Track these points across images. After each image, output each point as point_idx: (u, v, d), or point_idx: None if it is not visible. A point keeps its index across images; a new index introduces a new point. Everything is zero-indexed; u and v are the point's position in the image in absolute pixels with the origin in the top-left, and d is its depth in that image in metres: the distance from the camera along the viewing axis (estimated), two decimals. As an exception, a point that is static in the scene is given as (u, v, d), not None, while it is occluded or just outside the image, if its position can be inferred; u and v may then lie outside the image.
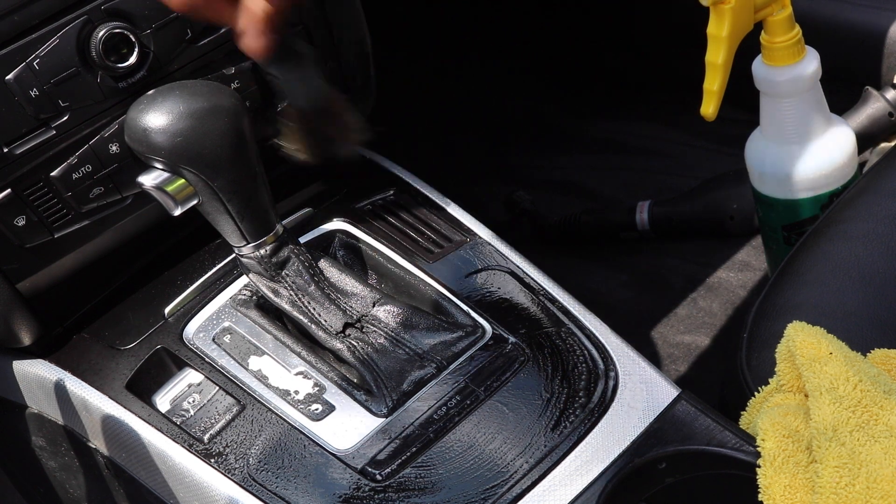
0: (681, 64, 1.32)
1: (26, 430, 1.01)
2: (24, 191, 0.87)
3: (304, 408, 0.86)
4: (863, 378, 0.79)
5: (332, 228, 0.98)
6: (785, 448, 0.78)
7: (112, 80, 0.87)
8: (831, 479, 0.75)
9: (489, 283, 0.93)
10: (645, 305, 1.40)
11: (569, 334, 0.89)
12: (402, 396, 0.86)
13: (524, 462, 0.82)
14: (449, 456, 0.83)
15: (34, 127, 0.86)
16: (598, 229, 1.51)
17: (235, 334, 0.91)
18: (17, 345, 0.94)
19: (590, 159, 1.68)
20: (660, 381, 0.87)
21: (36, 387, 0.95)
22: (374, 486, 0.81)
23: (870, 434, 0.77)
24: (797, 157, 1.10)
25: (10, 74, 0.83)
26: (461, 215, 0.99)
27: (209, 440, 0.85)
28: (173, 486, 0.87)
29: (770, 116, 1.10)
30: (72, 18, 0.85)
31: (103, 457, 0.93)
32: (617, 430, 0.83)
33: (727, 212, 1.41)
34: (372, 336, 0.88)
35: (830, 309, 0.91)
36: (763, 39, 1.06)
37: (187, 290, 0.94)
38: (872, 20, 1.40)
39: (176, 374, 0.90)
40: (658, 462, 0.82)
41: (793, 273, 0.96)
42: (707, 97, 1.06)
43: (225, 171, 0.82)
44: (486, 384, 0.86)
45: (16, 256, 0.89)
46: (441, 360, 0.87)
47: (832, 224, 0.99)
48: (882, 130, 1.34)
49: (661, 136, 1.66)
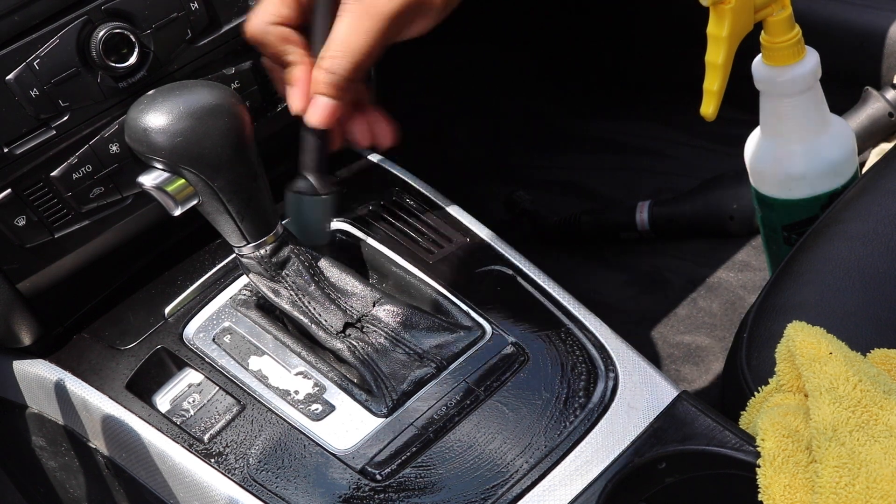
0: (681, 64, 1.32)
1: (26, 430, 1.01)
2: (24, 191, 0.87)
3: (304, 408, 0.86)
4: (863, 378, 0.79)
5: (332, 228, 0.98)
6: (785, 448, 0.78)
7: (112, 80, 0.87)
8: (831, 479, 0.75)
9: (489, 283, 0.93)
10: (645, 305, 1.40)
11: (569, 334, 0.89)
12: (402, 396, 0.86)
13: (524, 462, 0.82)
14: (449, 456, 0.83)
15: (34, 127, 0.86)
16: (598, 229, 1.51)
17: (235, 334, 0.91)
18: (17, 345, 0.94)
19: (590, 159, 1.68)
20: (660, 381, 0.87)
21: (36, 387, 0.95)
22: (374, 486, 0.81)
23: (870, 434, 0.77)
24: (797, 157, 1.10)
25: (11, 74, 0.83)
26: (461, 215, 0.99)
27: (209, 440, 0.85)
28: (173, 486, 0.87)
29: (770, 116, 1.10)
30: (72, 18, 0.85)
31: (103, 457, 0.93)
32: (617, 430, 0.83)
33: (727, 212, 1.41)
34: (372, 336, 0.88)
35: (830, 309, 0.91)
36: (763, 39, 1.06)
37: (187, 290, 0.95)
38: (872, 20, 1.40)
39: (176, 374, 0.90)
40: (658, 462, 0.82)
41: (793, 273, 0.96)
42: (707, 97, 1.06)
43: (225, 171, 0.82)
44: (486, 384, 0.86)
45: (16, 256, 0.89)
46: (441, 360, 0.87)
47: (832, 224, 0.99)
48: (882, 130, 1.34)
49: (661, 136, 1.66)
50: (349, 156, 1.07)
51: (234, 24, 0.93)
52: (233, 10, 0.93)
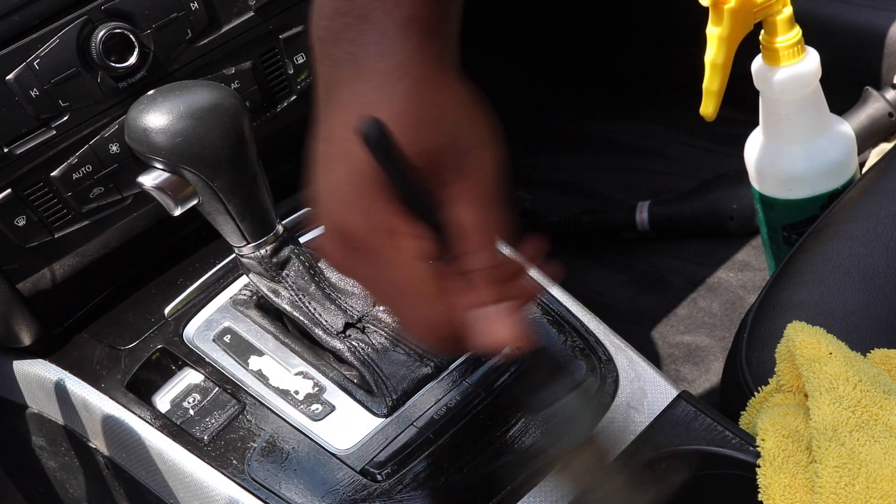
0: (681, 64, 1.32)
1: (26, 430, 1.01)
2: (24, 191, 0.87)
3: (304, 408, 0.86)
4: (863, 378, 0.79)
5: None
6: (785, 448, 0.78)
7: (112, 80, 0.87)
8: (831, 479, 0.75)
9: (489, 283, 0.93)
10: (645, 305, 1.40)
11: (569, 334, 0.89)
12: (403, 396, 0.85)
13: (524, 462, 0.82)
14: (449, 456, 0.83)
15: (34, 127, 0.86)
16: (597, 229, 1.51)
17: (235, 334, 0.91)
18: (17, 345, 0.94)
19: (590, 159, 1.68)
20: (660, 381, 0.87)
21: (36, 387, 0.95)
22: (374, 486, 0.81)
23: (870, 434, 0.77)
24: (797, 157, 1.10)
25: (11, 74, 0.83)
26: (461, 215, 0.99)
27: (209, 440, 0.85)
28: (173, 486, 0.87)
29: (770, 116, 1.10)
30: (72, 18, 0.85)
31: (103, 457, 0.93)
32: (617, 430, 0.83)
33: (727, 212, 1.41)
34: (372, 336, 0.88)
35: (830, 308, 0.91)
36: (763, 39, 1.06)
37: (187, 290, 0.94)
38: (872, 20, 1.40)
39: (176, 374, 0.90)
40: (658, 462, 0.82)
41: (793, 273, 0.96)
42: (707, 97, 1.06)
43: (225, 171, 0.81)
44: (486, 384, 0.86)
45: (16, 256, 0.89)
46: (441, 360, 0.87)
47: (832, 224, 0.99)
48: (882, 130, 1.34)
49: (661, 136, 1.66)
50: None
51: (234, 24, 0.93)
52: (233, 10, 0.93)
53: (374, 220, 0.61)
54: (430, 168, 0.61)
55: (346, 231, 0.61)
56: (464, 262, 0.62)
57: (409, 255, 0.61)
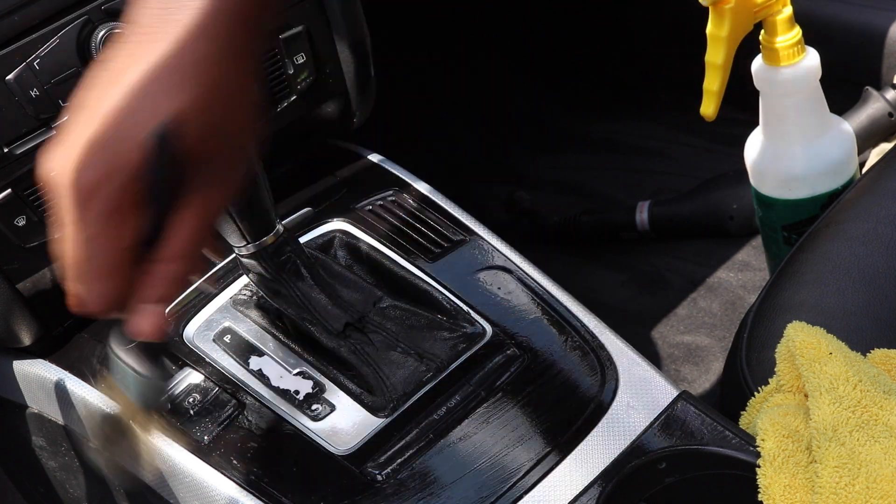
0: (681, 64, 1.32)
1: (26, 430, 1.01)
2: (24, 191, 0.87)
3: (304, 408, 0.86)
4: (863, 378, 0.79)
5: (332, 228, 0.98)
6: (785, 448, 0.78)
7: (112, 80, 0.87)
8: (831, 479, 0.75)
9: (489, 283, 0.93)
10: (645, 305, 1.40)
11: (569, 334, 0.89)
12: (403, 396, 0.85)
13: (524, 462, 0.82)
14: (449, 456, 0.83)
15: (34, 127, 0.86)
16: (597, 229, 1.51)
17: (235, 334, 0.91)
18: (17, 345, 0.94)
19: (590, 159, 1.68)
20: (660, 381, 0.87)
21: (36, 387, 0.95)
22: (375, 486, 0.81)
23: (870, 434, 0.77)
24: (797, 157, 1.10)
25: (11, 74, 0.83)
26: (461, 215, 0.99)
27: (209, 440, 0.85)
28: (173, 486, 0.87)
29: (770, 116, 1.10)
30: (72, 18, 0.85)
31: (103, 457, 0.92)
32: (617, 430, 0.83)
33: (727, 212, 1.41)
34: (372, 336, 0.88)
35: (830, 308, 0.91)
36: (763, 39, 1.06)
37: (187, 290, 0.94)
38: (872, 20, 1.40)
39: (176, 374, 0.90)
40: (658, 462, 0.82)
41: (792, 273, 0.96)
42: (707, 97, 1.06)
43: (225, 171, 0.81)
44: (487, 384, 0.86)
45: (16, 256, 0.89)
46: (441, 360, 0.87)
47: (832, 224, 0.99)
48: (882, 130, 1.34)
49: (661, 136, 1.66)
50: (349, 156, 1.07)
51: (234, 24, 0.92)
52: (233, 10, 0.92)
53: (112, 187, 0.61)
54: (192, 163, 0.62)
55: (80, 180, 0.61)
56: (157, 261, 0.64)
57: (118, 234, 0.62)
